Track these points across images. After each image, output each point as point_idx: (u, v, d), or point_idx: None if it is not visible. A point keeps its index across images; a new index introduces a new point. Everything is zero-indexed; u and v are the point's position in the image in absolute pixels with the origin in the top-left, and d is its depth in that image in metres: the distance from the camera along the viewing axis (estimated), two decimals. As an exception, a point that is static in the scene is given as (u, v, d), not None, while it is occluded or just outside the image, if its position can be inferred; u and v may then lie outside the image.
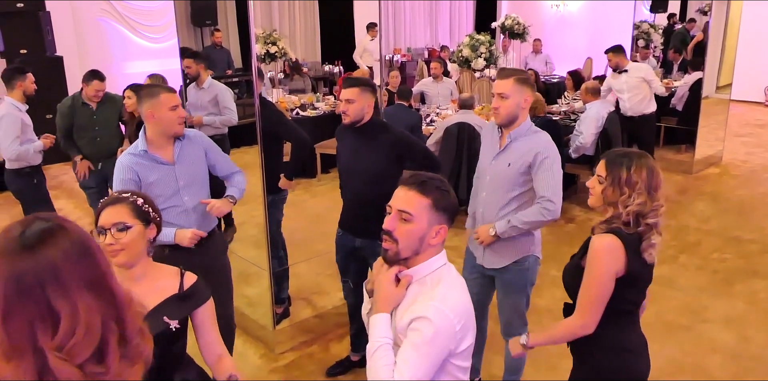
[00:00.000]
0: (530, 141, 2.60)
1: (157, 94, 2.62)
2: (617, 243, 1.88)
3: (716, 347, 3.58)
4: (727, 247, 4.97)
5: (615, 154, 1.96)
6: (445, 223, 1.65)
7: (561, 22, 11.86)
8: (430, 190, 1.62)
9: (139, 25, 8.90)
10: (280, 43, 7.66)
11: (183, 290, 1.87)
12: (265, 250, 3.43)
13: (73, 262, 1.09)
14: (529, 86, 2.60)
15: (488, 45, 7.33)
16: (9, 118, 4.06)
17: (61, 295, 1.06)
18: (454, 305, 1.57)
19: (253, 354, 3.56)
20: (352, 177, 3.05)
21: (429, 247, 1.64)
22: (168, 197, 2.67)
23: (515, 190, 2.63)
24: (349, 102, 2.88)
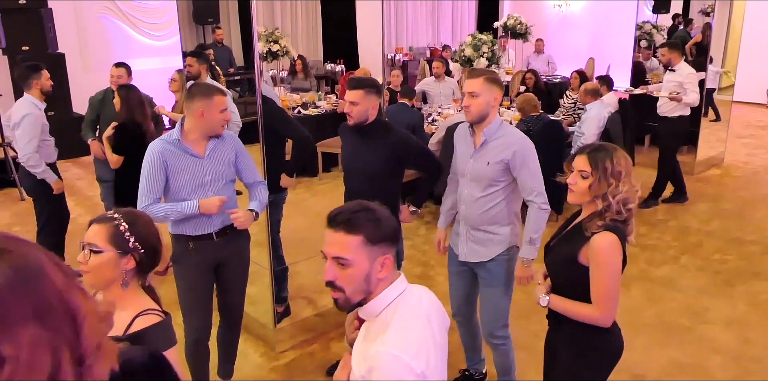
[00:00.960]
0: (505, 139, 2.68)
1: (212, 96, 2.64)
2: (616, 239, 1.99)
3: (717, 348, 3.58)
4: (729, 249, 4.97)
5: (592, 149, 2.06)
6: (388, 253, 1.50)
7: (563, 22, 11.84)
8: (359, 227, 1.46)
9: (141, 22, 8.90)
10: (282, 42, 7.65)
11: (125, 333, 1.63)
12: (266, 249, 3.43)
13: (17, 293, 0.94)
14: (498, 85, 2.68)
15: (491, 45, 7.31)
16: (30, 118, 4.04)
17: (5, 336, 0.92)
18: (408, 346, 1.43)
19: (253, 352, 3.55)
20: (352, 175, 3.08)
21: (379, 282, 1.51)
22: (193, 190, 2.70)
23: (496, 185, 2.72)
24: (353, 104, 2.90)
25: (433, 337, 1.52)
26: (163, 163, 2.66)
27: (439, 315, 1.60)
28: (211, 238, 2.78)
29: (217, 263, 2.86)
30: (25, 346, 0.93)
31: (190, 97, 2.67)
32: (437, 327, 1.56)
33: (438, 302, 1.63)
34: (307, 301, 4.02)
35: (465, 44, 7.54)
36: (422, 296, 1.59)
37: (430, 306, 1.57)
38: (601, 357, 2.14)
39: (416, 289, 1.60)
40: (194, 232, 2.75)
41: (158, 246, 1.77)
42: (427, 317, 1.53)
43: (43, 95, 4.19)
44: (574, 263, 2.04)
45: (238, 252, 2.94)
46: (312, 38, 9.94)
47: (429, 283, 4.41)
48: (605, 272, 1.99)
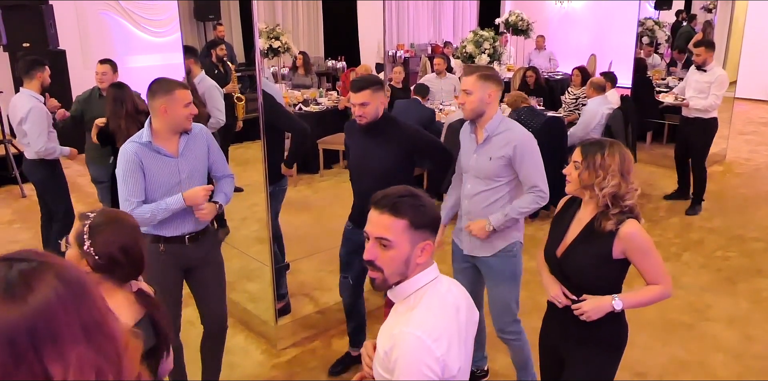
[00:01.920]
0: (507, 134, 2.69)
1: (173, 90, 2.58)
2: (639, 224, 2.07)
3: (719, 346, 3.57)
4: (731, 246, 4.96)
5: (589, 142, 2.13)
6: (429, 239, 1.54)
7: (565, 19, 11.81)
8: (405, 211, 1.50)
9: (142, 19, 8.88)
10: (284, 38, 7.64)
11: None
12: (267, 246, 3.42)
13: (68, 309, 0.91)
14: (493, 81, 2.67)
15: (492, 41, 7.30)
16: (36, 111, 4.06)
17: (57, 354, 0.88)
18: (432, 328, 1.47)
19: (255, 349, 3.55)
20: (363, 173, 3.04)
21: (417, 267, 1.55)
22: (169, 189, 2.65)
23: (499, 180, 2.74)
24: (364, 105, 2.85)
25: (458, 327, 1.54)
26: (139, 164, 2.59)
27: (469, 308, 1.62)
28: (183, 241, 2.73)
29: (188, 267, 2.80)
30: (73, 367, 0.89)
31: (152, 94, 2.61)
32: (465, 318, 1.58)
33: (468, 296, 1.65)
34: (309, 298, 4.02)
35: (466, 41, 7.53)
36: (452, 287, 1.62)
37: (459, 297, 1.60)
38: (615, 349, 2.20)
39: (446, 280, 1.63)
40: (168, 233, 2.69)
41: (118, 257, 1.70)
42: (456, 307, 1.56)
43: (42, 89, 4.21)
44: (609, 261, 2.09)
45: (210, 255, 2.87)
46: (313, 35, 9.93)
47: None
48: (652, 254, 2.07)
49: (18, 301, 0.88)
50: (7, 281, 0.89)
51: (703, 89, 5.39)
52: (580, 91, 6.55)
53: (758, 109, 10.34)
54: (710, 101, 5.34)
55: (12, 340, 0.86)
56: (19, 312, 0.87)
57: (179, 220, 2.70)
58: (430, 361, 1.44)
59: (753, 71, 9.59)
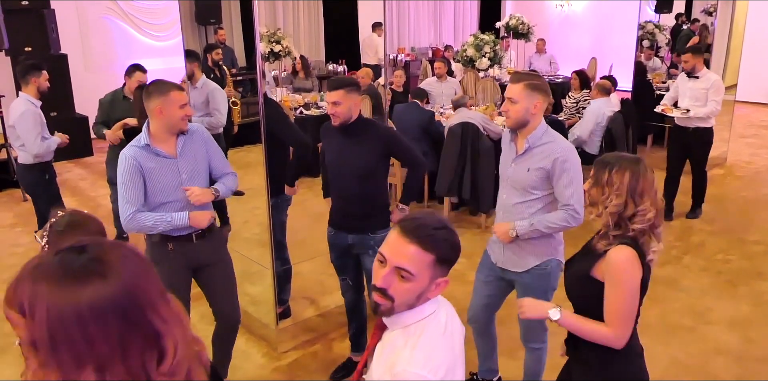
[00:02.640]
0: (548, 147, 2.59)
1: (167, 92, 2.60)
2: (634, 254, 1.90)
3: (720, 349, 3.57)
4: (732, 249, 4.96)
5: (603, 158, 2.02)
6: (446, 275, 1.44)
7: (565, 22, 11.83)
8: (437, 245, 1.39)
9: (144, 23, 8.91)
10: (284, 42, 7.65)
11: None
12: (269, 249, 3.43)
13: (148, 276, 0.99)
14: (541, 92, 2.57)
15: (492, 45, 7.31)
16: (29, 114, 4.09)
17: (156, 313, 0.96)
18: (437, 366, 1.38)
19: (256, 352, 3.55)
20: (341, 174, 3.04)
21: (426, 300, 1.45)
22: (171, 191, 2.68)
23: (535, 193, 2.63)
24: (336, 104, 2.87)
25: (457, 352, 1.49)
26: (139, 169, 2.61)
27: (458, 326, 1.56)
28: (190, 239, 2.77)
29: (197, 266, 2.84)
30: (171, 323, 0.98)
31: (147, 95, 2.63)
32: (458, 339, 1.53)
33: (454, 313, 1.58)
34: (309, 302, 4.02)
35: (467, 44, 7.55)
36: (442, 308, 1.53)
37: (450, 318, 1.52)
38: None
39: (445, 305, 1.55)
40: (175, 233, 2.72)
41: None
42: (451, 333, 1.49)
43: (39, 94, 4.21)
44: (587, 278, 1.96)
45: (218, 254, 2.92)
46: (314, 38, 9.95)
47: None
48: (620, 289, 1.89)
49: (110, 277, 0.92)
50: (87, 263, 0.93)
51: (699, 97, 5.20)
52: (580, 94, 6.56)
53: (759, 113, 10.34)
54: (711, 108, 5.16)
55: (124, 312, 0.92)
56: (116, 285, 0.92)
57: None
58: None
59: (753, 74, 9.59)
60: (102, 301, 0.90)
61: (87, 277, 0.91)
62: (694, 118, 5.22)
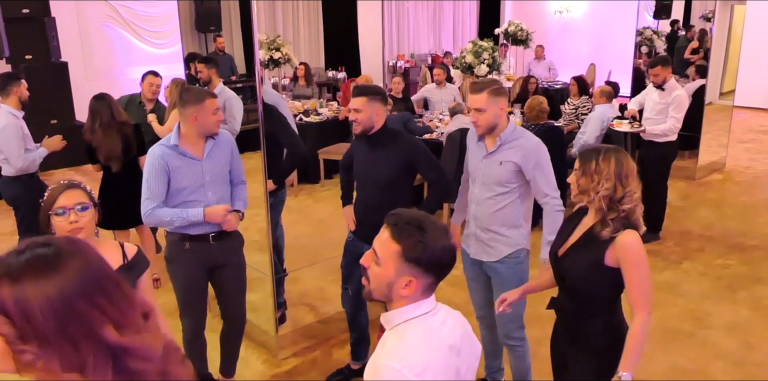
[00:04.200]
0: (518, 142, 2.71)
1: (203, 100, 2.72)
2: (639, 236, 2.06)
3: (720, 354, 3.57)
4: (731, 254, 4.96)
5: (587, 150, 2.16)
6: (415, 276, 1.43)
7: (564, 29, 11.89)
8: (403, 237, 1.42)
9: (144, 30, 8.95)
10: (284, 49, 7.69)
11: (128, 260, 2.07)
12: (268, 256, 3.44)
13: (102, 268, 1.03)
14: (502, 95, 2.69)
15: (491, 51, 7.34)
16: (10, 127, 3.95)
17: (109, 302, 1.00)
18: (415, 362, 1.39)
19: (255, 359, 3.55)
20: (365, 184, 3.08)
21: (401, 298, 1.47)
22: (193, 191, 2.78)
23: (507, 186, 2.74)
24: (357, 111, 2.91)
25: (449, 360, 1.48)
26: (164, 167, 2.73)
27: (468, 339, 1.56)
28: (207, 239, 2.84)
29: (212, 266, 2.91)
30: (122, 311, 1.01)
31: (183, 103, 2.75)
32: (468, 356, 1.53)
33: (467, 327, 1.58)
34: (309, 308, 4.02)
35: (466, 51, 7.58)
36: (448, 320, 1.53)
37: (455, 330, 1.53)
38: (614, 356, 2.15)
39: (445, 312, 1.55)
40: (193, 232, 2.81)
41: None
42: (448, 341, 1.49)
43: (21, 104, 4.10)
44: (599, 267, 2.09)
45: (233, 256, 2.99)
46: (313, 45, 9.99)
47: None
48: (642, 270, 2.05)
49: (60, 271, 0.97)
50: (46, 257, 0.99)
51: (660, 110, 4.97)
52: (579, 101, 6.58)
53: (757, 117, 10.37)
54: (669, 125, 4.88)
55: (71, 307, 0.96)
56: (64, 279, 0.97)
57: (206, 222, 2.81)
58: None
59: (752, 79, 9.63)
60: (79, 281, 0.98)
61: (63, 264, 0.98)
62: (643, 132, 5.04)
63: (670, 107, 4.90)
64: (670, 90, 4.93)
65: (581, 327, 2.19)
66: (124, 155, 4.03)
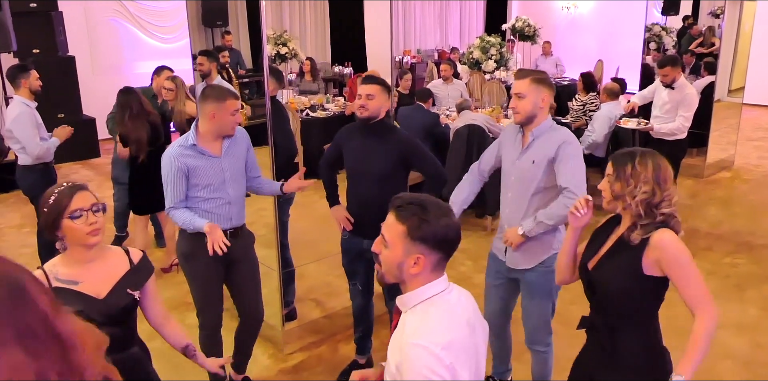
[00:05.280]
0: (552, 136, 2.61)
1: (225, 99, 2.72)
2: (674, 234, 1.93)
3: (728, 353, 3.55)
4: (739, 252, 4.93)
5: (620, 153, 2.02)
6: (423, 253, 1.50)
7: (572, 25, 11.82)
8: (406, 217, 1.50)
9: (151, 25, 8.95)
10: (291, 44, 7.68)
11: (135, 264, 2.07)
12: (275, 251, 3.43)
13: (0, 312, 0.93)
14: (547, 86, 2.60)
15: (499, 47, 7.31)
16: (24, 116, 4.07)
17: None
18: (440, 338, 1.45)
19: (261, 354, 3.55)
20: (360, 177, 3.05)
21: (412, 277, 1.53)
22: (215, 188, 2.80)
23: (540, 186, 2.63)
24: (370, 97, 2.91)
25: (468, 337, 1.52)
26: (182, 168, 2.74)
27: (478, 316, 1.62)
28: (225, 235, 2.81)
29: (227, 262, 2.92)
30: (5, 370, 0.90)
31: (204, 98, 2.75)
32: (476, 328, 1.58)
33: (475, 306, 1.63)
34: (315, 303, 4.02)
35: (473, 46, 7.55)
36: (462, 298, 1.60)
37: (468, 308, 1.58)
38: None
39: (457, 291, 1.60)
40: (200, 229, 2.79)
41: None
42: (466, 318, 1.55)
43: (33, 95, 4.19)
44: (637, 276, 1.94)
45: (246, 252, 3.00)
46: (320, 41, 9.97)
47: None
48: (689, 266, 1.90)
49: None
50: None
51: (669, 109, 4.97)
52: (587, 97, 6.54)
53: (767, 115, 10.29)
54: (677, 124, 4.89)
55: None
56: None
57: (220, 216, 2.82)
58: (439, 369, 1.42)
59: (761, 77, 9.55)
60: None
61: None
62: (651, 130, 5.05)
63: (679, 106, 4.87)
64: (680, 89, 4.91)
65: (616, 345, 2.03)
66: (151, 145, 4.21)
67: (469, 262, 4.74)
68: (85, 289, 1.94)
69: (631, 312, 2.01)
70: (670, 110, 4.96)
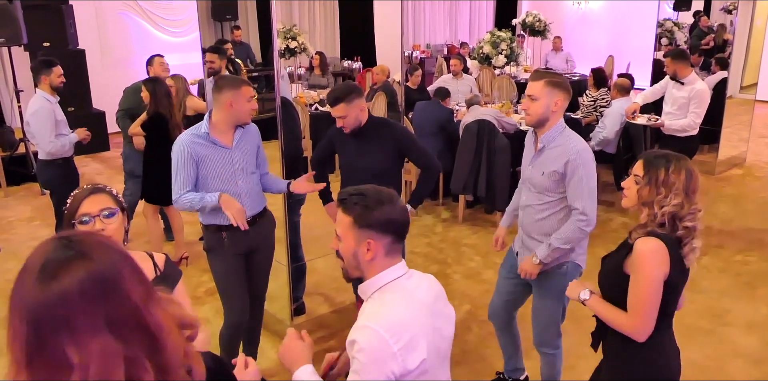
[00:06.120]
0: (561, 148, 2.55)
1: (239, 86, 2.74)
2: (662, 246, 1.87)
3: (738, 351, 3.52)
4: (751, 250, 4.89)
5: (654, 155, 1.96)
6: (372, 238, 1.56)
7: (582, 20, 11.74)
8: (350, 208, 1.58)
9: (161, 19, 8.95)
10: (300, 39, 7.66)
11: (161, 271, 1.96)
12: (284, 246, 3.43)
13: (90, 301, 0.94)
14: (562, 89, 2.53)
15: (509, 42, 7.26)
16: (42, 111, 4.09)
17: (72, 341, 0.93)
18: (391, 323, 1.49)
19: (270, 348, 3.56)
20: (357, 175, 3.04)
21: (369, 264, 1.59)
22: (225, 180, 2.80)
23: (551, 196, 2.61)
24: (342, 118, 2.97)
25: (425, 321, 1.56)
26: (193, 156, 2.75)
27: (440, 300, 1.67)
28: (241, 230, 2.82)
29: (248, 251, 2.95)
30: (96, 356, 0.93)
31: (218, 89, 2.76)
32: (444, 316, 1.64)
33: (441, 290, 1.70)
34: (324, 298, 4.02)
35: (483, 41, 7.51)
36: (422, 282, 1.65)
37: (429, 293, 1.64)
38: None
39: (418, 276, 1.66)
40: (227, 222, 2.79)
41: None
42: (427, 305, 1.60)
43: (54, 90, 4.21)
44: (619, 274, 1.95)
45: (267, 239, 3.05)
46: (329, 35, 9.95)
47: (445, 281, 4.39)
48: (641, 278, 1.87)
49: (43, 286, 0.94)
50: (44, 263, 0.96)
51: (681, 105, 4.87)
52: (598, 93, 6.49)
53: (779, 112, 10.18)
54: (688, 121, 4.80)
55: (36, 320, 0.93)
56: (43, 295, 0.93)
57: None
58: (385, 356, 1.47)
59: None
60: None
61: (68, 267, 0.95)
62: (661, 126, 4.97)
63: (690, 102, 4.81)
64: (690, 84, 4.85)
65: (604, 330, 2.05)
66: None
67: (478, 258, 4.73)
68: None
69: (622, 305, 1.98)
70: (682, 106, 4.90)
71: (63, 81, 4.26)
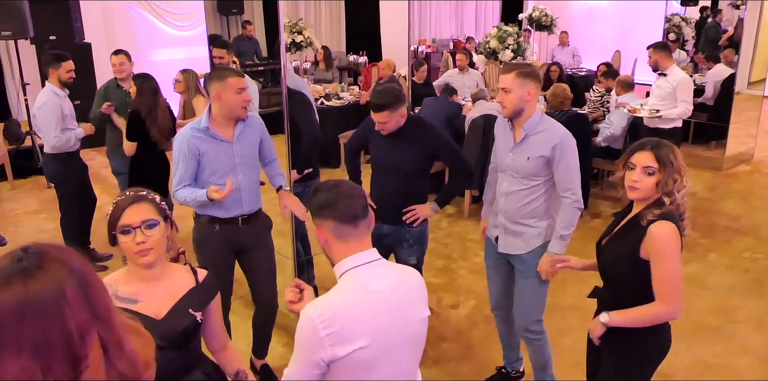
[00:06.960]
0: (546, 134, 2.65)
1: (226, 77, 2.69)
2: (675, 228, 1.95)
3: (746, 349, 3.51)
4: (758, 247, 4.87)
5: (654, 145, 2.02)
6: (319, 225, 1.67)
7: (589, 15, 11.67)
8: (308, 203, 1.73)
9: (167, 12, 8.93)
10: (306, 33, 7.64)
11: (200, 283, 1.91)
12: (290, 239, 3.43)
13: (18, 321, 0.92)
14: (532, 78, 2.62)
15: (516, 36, 7.23)
16: (49, 105, 4.07)
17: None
18: (326, 309, 1.54)
19: (276, 342, 3.55)
20: (387, 171, 3.05)
21: (328, 250, 1.69)
22: (223, 174, 2.77)
23: (536, 180, 2.70)
24: (382, 123, 2.93)
25: (373, 309, 1.58)
26: (193, 150, 2.72)
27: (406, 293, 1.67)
28: (236, 222, 2.85)
29: (240, 248, 2.93)
30: (9, 378, 0.90)
31: (208, 81, 2.75)
32: (398, 302, 1.63)
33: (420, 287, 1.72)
34: (330, 293, 4.02)
35: (490, 36, 7.47)
36: (390, 275, 1.65)
37: (385, 280, 1.63)
38: (646, 361, 2.12)
39: (390, 268, 1.69)
40: (223, 215, 2.81)
41: None
42: (384, 294, 1.61)
43: (62, 85, 4.17)
44: (634, 259, 2.00)
45: (260, 238, 3.00)
46: (335, 29, 9.92)
47: (451, 276, 4.38)
48: (669, 262, 1.94)
49: None
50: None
51: (665, 96, 4.94)
52: (605, 88, 6.46)
53: (787, 108, 10.12)
54: (682, 109, 4.85)
55: None
56: None
57: (233, 203, 2.81)
58: (313, 341, 1.53)
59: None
60: None
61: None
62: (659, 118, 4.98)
63: (677, 91, 4.88)
64: (673, 75, 4.94)
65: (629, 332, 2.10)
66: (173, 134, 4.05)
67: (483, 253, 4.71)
68: (143, 309, 1.77)
69: (631, 291, 2.06)
70: (666, 97, 4.97)
71: (72, 76, 4.20)
